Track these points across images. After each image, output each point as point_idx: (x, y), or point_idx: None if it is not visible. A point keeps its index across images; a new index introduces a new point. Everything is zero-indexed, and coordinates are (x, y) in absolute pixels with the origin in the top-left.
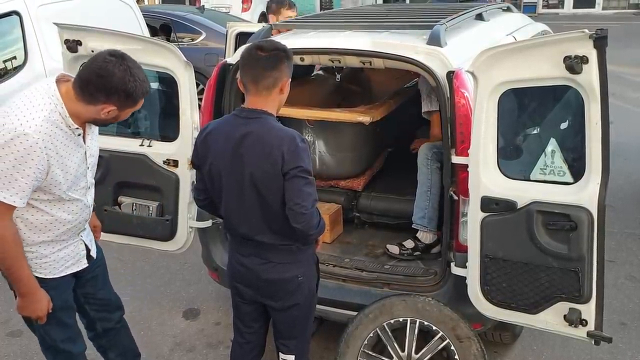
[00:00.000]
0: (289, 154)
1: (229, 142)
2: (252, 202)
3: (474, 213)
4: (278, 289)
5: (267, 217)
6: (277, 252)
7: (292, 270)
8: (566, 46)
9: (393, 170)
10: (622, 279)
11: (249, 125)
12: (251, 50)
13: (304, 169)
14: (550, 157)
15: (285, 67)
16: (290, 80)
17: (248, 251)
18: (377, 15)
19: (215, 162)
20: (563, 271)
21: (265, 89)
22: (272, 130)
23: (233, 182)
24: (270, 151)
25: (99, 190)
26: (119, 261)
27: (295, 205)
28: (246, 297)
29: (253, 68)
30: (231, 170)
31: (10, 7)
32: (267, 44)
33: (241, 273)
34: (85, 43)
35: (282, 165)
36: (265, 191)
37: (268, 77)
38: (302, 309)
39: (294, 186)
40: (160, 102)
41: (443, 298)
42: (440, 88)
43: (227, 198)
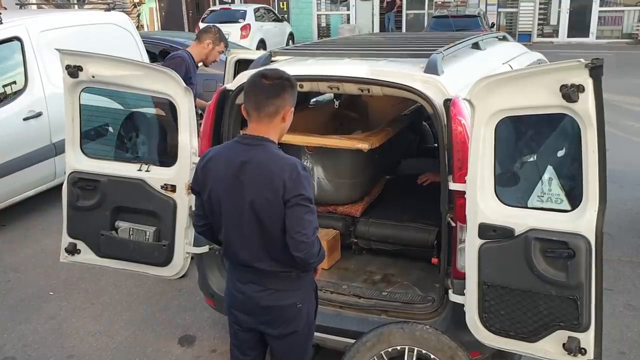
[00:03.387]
0: (291, 181)
1: (229, 168)
2: (252, 229)
3: (472, 240)
4: (277, 316)
5: (267, 244)
6: (276, 279)
7: (291, 298)
8: (562, 75)
9: (391, 196)
10: (620, 307)
11: (250, 151)
12: (255, 78)
13: (306, 197)
14: (548, 184)
15: (288, 96)
16: (293, 109)
17: (247, 278)
18: (375, 43)
19: (215, 189)
20: (561, 299)
21: (267, 117)
22: (273, 157)
23: (233, 208)
24: (271, 178)
25: (96, 215)
26: (115, 286)
27: (296, 234)
28: (244, 325)
29: (256, 95)
30: (231, 196)
31: (12, 33)
32: (271, 73)
33: (240, 300)
34: (86, 69)
35: (284, 193)
36: (266, 218)
37: (270, 104)
38: (300, 337)
39: (295, 214)
40: (158, 127)
41: (441, 326)
42: (438, 115)
43: (227, 225)
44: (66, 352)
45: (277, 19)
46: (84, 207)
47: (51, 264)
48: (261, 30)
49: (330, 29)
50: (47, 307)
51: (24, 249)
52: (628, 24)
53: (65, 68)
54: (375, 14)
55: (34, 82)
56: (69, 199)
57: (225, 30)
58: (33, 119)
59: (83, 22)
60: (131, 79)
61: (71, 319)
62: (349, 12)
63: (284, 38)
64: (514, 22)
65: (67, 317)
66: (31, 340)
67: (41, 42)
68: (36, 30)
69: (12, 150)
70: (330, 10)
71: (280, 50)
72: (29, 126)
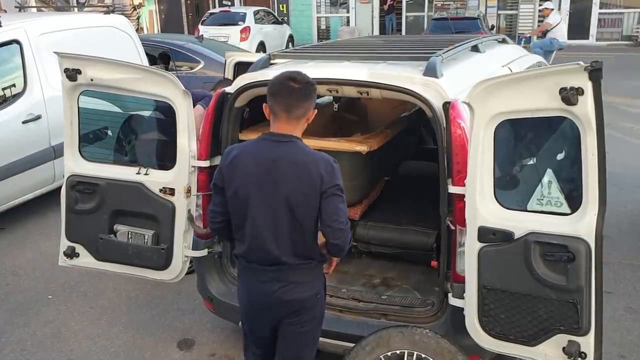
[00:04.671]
0: (327, 174)
1: (260, 165)
2: (285, 224)
3: (471, 243)
4: (299, 307)
5: (297, 238)
6: (298, 272)
7: (311, 289)
8: (562, 78)
9: (390, 198)
10: (620, 310)
11: (281, 148)
12: (284, 81)
13: (340, 187)
14: (547, 187)
15: (314, 99)
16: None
17: (268, 276)
18: (374, 46)
19: (242, 186)
20: (561, 303)
21: (296, 118)
22: (307, 153)
23: (265, 204)
24: (309, 172)
25: (95, 218)
26: (114, 290)
27: (333, 222)
28: (265, 321)
29: (287, 98)
30: (263, 193)
31: (11, 36)
32: (299, 76)
33: (261, 298)
34: (84, 72)
35: (321, 184)
36: (300, 212)
37: (300, 107)
38: (317, 322)
39: (332, 204)
40: (157, 130)
41: (440, 329)
42: (437, 118)
43: (256, 221)
44: (65, 356)
45: (277, 22)
46: (83, 211)
47: (50, 267)
48: (261, 33)
49: (330, 32)
50: (45, 311)
51: (23, 253)
52: (628, 26)
53: (64, 71)
54: (375, 16)
55: (33, 85)
56: (67, 203)
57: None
58: (32, 122)
59: (82, 25)
60: (130, 82)
61: (70, 322)
62: (349, 14)
63: (283, 40)
64: (514, 25)
65: (65, 320)
66: (30, 344)
67: (40, 45)
68: (35, 33)
69: (11, 153)
70: (330, 12)
71: (279, 53)
72: (28, 129)
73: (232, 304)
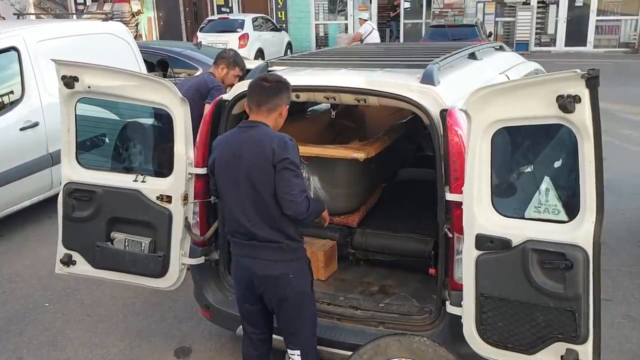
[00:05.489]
0: (279, 148)
1: (230, 147)
2: (248, 196)
3: (469, 251)
4: (271, 284)
5: (261, 209)
6: (269, 250)
7: (283, 268)
8: (558, 85)
9: (387, 205)
10: (619, 318)
11: (248, 132)
12: (257, 81)
13: (292, 161)
14: (545, 195)
15: (284, 95)
16: (288, 107)
17: (244, 252)
18: (372, 53)
19: (217, 166)
20: (559, 311)
21: (266, 111)
22: (266, 133)
23: (231, 180)
24: (263, 147)
25: (92, 226)
26: (111, 298)
27: (285, 194)
28: (248, 297)
29: (258, 95)
30: (230, 170)
31: (9, 43)
32: (270, 77)
33: (241, 273)
34: (82, 79)
35: (272, 157)
36: (259, 185)
37: (270, 102)
38: (294, 304)
39: (283, 177)
40: (154, 137)
41: (438, 337)
42: (434, 126)
43: (228, 196)
44: None
45: (276, 29)
46: (80, 218)
47: (47, 275)
48: (259, 40)
49: (329, 39)
50: (42, 319)
51: (20, 260)
52: (625, 33)
53: (61, 78)
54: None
55: (30, 92)
56: (64, 210)
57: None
58: (30, 129)
59: (80, 32)
60: (127, 90)
61: (66, 330)
62: (347, 21)
63: (282, 47)
64: (512, 31)
65: (62, 328)
66: (26, 352)
67: (38, 52)
68: (33, 40)
69: (8, 160)
70: (329, 19)
71: (277, 60)
72: (25, 136)
73: (229, 312)
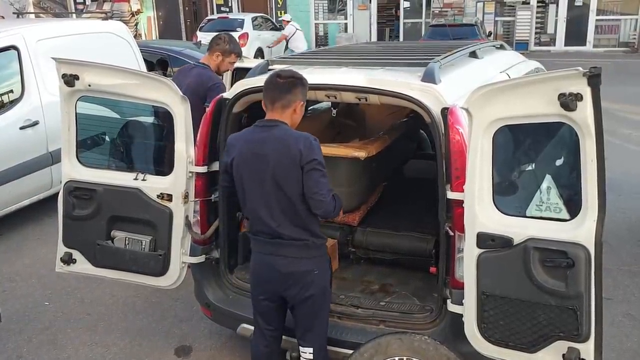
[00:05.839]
0: (306, 149)
1: (250, 147)
2: (274, 196)
3: (470, 249)
4: (296, 281)
5: (287, 209)
6: (294, 248)
7: (308, 265)
8: (560, 83)
9: (388, 204)
10: (619, 317)
11: (268, 131)
12: (272, 77)
13: (319, 161)
14: (546, 193)
15: (298, 92)
16: (303, 104)
17: (269, 250)
18: (372, 52)
19: (237, 166)
20: (561, 309)
21: (281, 107)
22: (289, 132)
23: (256, 180)
24: (288, 148)
25: (92, 224)
26: (111, 297)
27: (314, 194)
28: (269, 293)
29: (272, 91)
30: (253, 170)
31: (9, 42)
32: (284, 72)
33: (264, 270)
34: (82, 77)
35: (300, 159)
36: (285, 185)
37: (283, 98)
38: (317, 300)
39: (312, 178)
40: (155, 136)
41: (439, 336)
42: (435, 124)
43: (252, 196)
44: None
45: (275, 28)
46: (80, 217)
47: (47, 273)
48: (259, 39)
49: (328, 38)
50: (42, 318)
51: (20, 259)
52: (625, 32)
53: (62, 77)
54: (372, 22)
55: (30, 90)
56: (64, 208)
57: None
58: (30, 127)
59: (80, 31)
60: (128, 88)
61: (66, 329)
62: (347, 21)
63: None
64: (511, 31)
65: (62, 327)
66: (26, 351)
67: (38, 51)
68: (33, 39)
69: (8, 159)
70: (328, 19)
71: (277, 59)
72: (25, 135)
73: (230, 311)
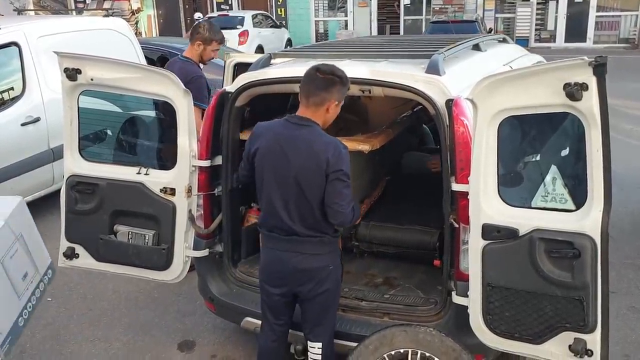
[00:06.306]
0: (334, 158)
1: (278, 141)
2: (294, 196)
3: (475, 241)
4: (312, 277)
5: (305, 210)
6: (310, 244)
7: (323, 261)
8: (566, 73)
9: (391, 198)
10: (624, 309)
11: (299, 129)
12: (311, 70)
13: (345, 172)
14: (552, 184)
15: (335, 91)
16: (339, 104)
17: (284, 246)
18: (375, 45)
19: (260, 158)
20: (567, 300)
21: (314, 105)
22: (319, 136)
23: (278, 177)
24: (316, 153)
25: (95, 219)
26: (114, 292)
27: (334, 204)
28: (281, 289)
29: (308, 85)
30: (277, 167)
31: (10, 38)
32: (325, 68)
33: (279, 266)
34: (85, 71)
35: (327, 167)
36: (307, 188)
37: (317, 95)
38: (330, 295)
39: (335, 188)
40: (158, 130)
41: (444, 328)
42: (440, 116)
43: (270, 191)
44: (64, 358)
45: (275, 25)
46: (83, 211)
47: None
48: (259, 37)
49: (328, 35)
50: (45, 313)
51: None
52: (625, 28)
53: (64, 71)
54: (373, 19)
55: (32, 87)
56: (67, 203)
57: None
58: (31, 124)
59: (81, 27)
60: (130, 82)
61: (69, 324)
62: (347, 18)
63: (282, 44)
64: (511, 28)
65: (65, 322)
66: (29, 346)
67: (39, 48)
68: (34, 36)
69: (10, 155)
70: (328, 16)
71: (280, 52)
72: (26, 132)
73: (234, 304)
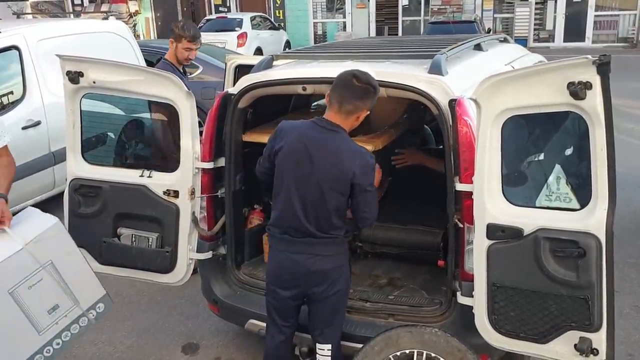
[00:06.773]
0: (361, 169)
1: (303, 143)
2: (312, 201)
3: (480, 241)
4: (325, 278)
5: (322, 217)
6: (323, 246)
7: (336, 261)
8: (569, 72)
9: (394, 199)
10: (627, 309)
11: (326, 134)
12: (348, 76)
13: (371, 183)
14: (556, 183)
15: (369, 101)
16: (368, 112)
17: (298, 248)
18: (377, 46)
19: (283, 158)
20: (572, 299)
21: (346, 112)
22: (348, 144)
23: (299, 177)
24: (342, 162)
25: (98, 222)
26: (117, 295)
27: (364, 213)
28: (292, 292)
29: (343, 91)
30: (300, 168)
31: (10, 42)
32: (362, 76)
33: (291, 268)
34: (87, 74)
35: (353, 177)
36: (329, 195)
37: (351, 103)
38: (343, 294)
39: (365, 198)
40: (160, 132)
41: (449, 329)
42: (443, 116)
43: (289, 191)
44: None
45: (274, 27)
46: (86, 214)
47: None
48: (258, 39)
49: (327, 37)
50: None
51: None
52: (623, 28)
53: (66, 74)
54: (371, 21)
55: (32, 91)
56: (70, 206)
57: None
58: (32, 128)
59: (81, 30)
60: (132, 84)
61: None
62: (345, 19)
63: (280, 46)
64: (510, 28)
65: None
66: None
67: (39, 51)
68: (34, 39)
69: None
70: (327, 18)
71: (282, 54)
72: (27, 135)
73: (237, 307)
